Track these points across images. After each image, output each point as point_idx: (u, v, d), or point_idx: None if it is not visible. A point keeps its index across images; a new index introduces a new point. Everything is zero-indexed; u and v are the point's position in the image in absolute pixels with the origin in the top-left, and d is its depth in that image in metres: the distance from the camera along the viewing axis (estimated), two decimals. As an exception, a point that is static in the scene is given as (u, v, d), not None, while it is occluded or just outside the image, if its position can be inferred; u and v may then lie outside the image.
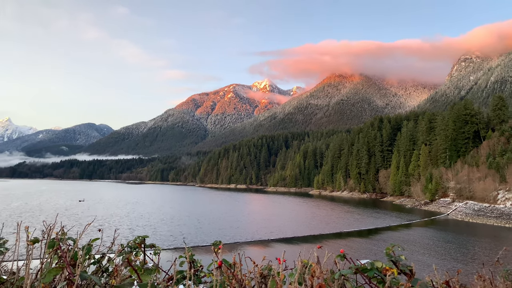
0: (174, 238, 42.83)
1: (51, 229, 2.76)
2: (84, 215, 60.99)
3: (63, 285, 1.92)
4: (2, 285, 2.18)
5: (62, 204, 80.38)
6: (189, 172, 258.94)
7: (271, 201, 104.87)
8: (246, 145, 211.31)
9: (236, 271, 2.10)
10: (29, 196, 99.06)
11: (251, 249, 38.13)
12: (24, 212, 62.30)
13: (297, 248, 6.22)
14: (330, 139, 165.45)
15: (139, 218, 60.82)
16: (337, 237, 46.98)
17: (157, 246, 2.62)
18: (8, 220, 45.48)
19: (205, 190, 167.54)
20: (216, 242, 2.50)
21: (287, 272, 2.00)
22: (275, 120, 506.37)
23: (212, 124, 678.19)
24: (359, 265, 1.78)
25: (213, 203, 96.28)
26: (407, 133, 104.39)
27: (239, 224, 56.82)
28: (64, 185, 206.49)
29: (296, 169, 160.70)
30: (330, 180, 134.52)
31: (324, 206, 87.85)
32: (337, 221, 61.38)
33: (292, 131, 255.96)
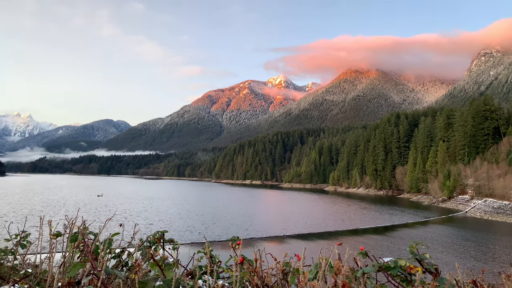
0: (190, 233, 43.23)
1: (73, 224, 2.86)
2: (103, 210, 62.02)
3: (87, 279, 1.99)
4: (27, 278, 2.19)
5: (82, 198, 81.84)
6: (205, 167, 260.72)
7: (286, 197, 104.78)
8: (261, 141, 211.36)
9: (258, 268, 2.09)
10: (50, 191, 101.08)
11: (267, 245, 38.21)
12: (45, 206, 63.68)
13: (313, 245, 6.24)
14: (346, 135, 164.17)
15: (156, 213, 61.53)
16: (353, 234, 46.69)
17: (176, 241, 2.67)
18: (30, 215, 46.60)
19: (221, 186, 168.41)
20: (234, 238, 2.53)
21: (306, 269, 2.10)
22: (290, 116, 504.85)
23: (227, 120, 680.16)
24: (382, 263, 1.73)
25: (228, 199, 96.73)
26: (424, 129, 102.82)
27: (255, 220, 56.98)
28: (83, 180, 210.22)
29: (312, 165, 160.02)
30: (346, 177, 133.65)
31: (340, 203, 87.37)
32: (353, 218, 60.99)
33: (307, 127, 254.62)
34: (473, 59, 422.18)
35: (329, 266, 1.89)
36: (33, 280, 2.17)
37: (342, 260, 2.00)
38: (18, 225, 3.60)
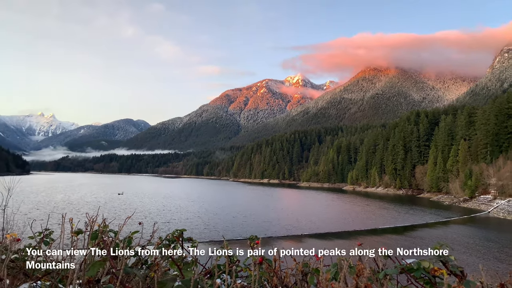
0: (208, 231, 43.56)
1: (93, 221, 3.00)
2: (123, 208, 63.05)
3: (106, 279, 2.02)
4: (49, 275, 2.27)
5: (102, 197, 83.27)
6: (223, 166, 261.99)
7: (304, 196, 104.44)
8: (278, 140, 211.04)
9: (277, 268, 2.06)
10: (72, 189, 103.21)
11: (284, 244, 38.20)
12: (67, 204, 65.09)
13: (331, 244, 6.17)
14: (365, 134, 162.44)
15: (174, 211, 62.20)
16: (371, 234, 46.24)
17: (194, 239, 2.76)
18: (52, 212, 47.73)
19: (239, 185, 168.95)
20: (252, 237, 2.59)
21: (324, 269, 2.06)
22: (307, 115, 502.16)
23: (245, 119, 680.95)
24: (404, 264, 1.68)
25: (246, 198, 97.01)
26: (445, 128, 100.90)
27: (272, 218, 57.01)
28: (104, 178, 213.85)
29: (330, 164, 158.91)
30: (364, 176, 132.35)
31: (358, 202, 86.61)
32: (371, 218, 60.38)
33: (325, 126, 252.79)
34: (495, 55, 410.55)
35: (349, 267, 1.84)
36: (55, 277, 2.21)
37: (363, 261, 1.95)
38: (41, 223, 3.79)
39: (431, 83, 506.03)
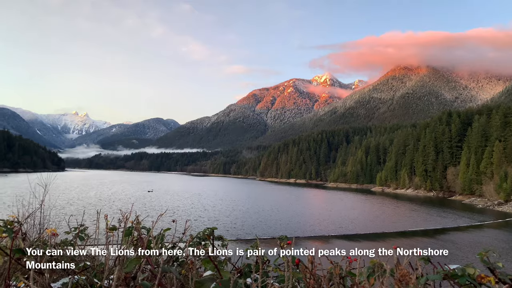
0: (235, 230, 43.85)
1: (127, 218, 3.12)
2: (153, 205, 64.30)
3: (144, 276, 2.07)
4: (86, 270, 2.39)
5: (133, 194, 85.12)
6: (249, 166, 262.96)
7: (332, 197, 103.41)
8: (305, 140, 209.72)
9: (314, 270, 2.00)
10: (104, 186, 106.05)
11: (311, 244, 37.99)
12: (100, 200, 66.94)
13: (360, 246, 6.15)
14: (394, 134, 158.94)
15: (202, 209, 62.92)
16: (401, 236, 45.30)
17: (225, 238, 2.81)
18: (86, 208, 49.27)
19: (265, 184, 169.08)
20: (282, 237, 2.61)
21: (355, 271, 2.01)
22: (335, 114, 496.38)
23: (272, 119, 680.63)
24: (447, 270, 1.59)
25: (272, 197, 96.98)
26: (478, 129, 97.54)
27: (299, 218, 56.79)
28: (134, 176, 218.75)
29: (358, 165, 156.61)
30: (393, 177, 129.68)
31: (387, 204, 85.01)
32: (401, 220, 59.15)
33: (353, 126, 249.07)
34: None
35: (385, 271, 1.79)
36: (91, 272, 2.32)
37: (401, 264, 1.88)
38: (76, 218, 3.96)
39: (464, 82, 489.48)
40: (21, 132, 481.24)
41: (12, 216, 3.18)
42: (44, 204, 6.02)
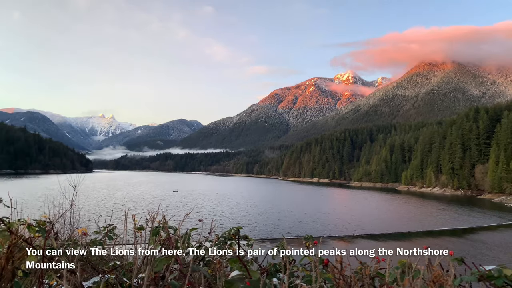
0: (259, 229, 43.93)
1: (154, 218, 3.20)
2: (178, 205, 65.11)
3: (174, 276, 2.07)
4: (115, 269, 2.48)
5: (159, 194, 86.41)
6: (272, 165, 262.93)
7: (356, 196, 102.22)
8: (328, 138, 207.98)
9: (343, 271, 1.98)
10: (130, 187, 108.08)
11: (336, 244, 37.67)
12: (126, 201, 68.29)
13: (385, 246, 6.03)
14: (419, 132, 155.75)
15: (226, 208, 63.31)
16: (427, 236, 44.36)
17: (250, 237, 2.84)
18: (113, 209, 50.36)
19: (288, 183, 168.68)
20: (308, 237, 2.63)
21: (382, 271, 1.99)
22: (358, 113, 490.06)
23: (293, 118, 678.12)
24: (483, 271, 1.51)
25: (296, 196, 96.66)
26: (508, 125, 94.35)
27: (323, 218, 56.39)
28: (160, 176, 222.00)
29: (382, 163, 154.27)
30: (419, 176, 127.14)
31: (413, 203, 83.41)
32: (427, 219, 57.90)
33: (377, 124, 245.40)
34: None
35: (416, 272, 1.75)
36: (120, 271, 2.41)
37: (432, 265, 1.85)
38: (104, 218, 4.09)
39: (491, 77, 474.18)
40: (51, 135, 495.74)
41: (44, 216, 3.32)
42: (74, 205, 6.22)
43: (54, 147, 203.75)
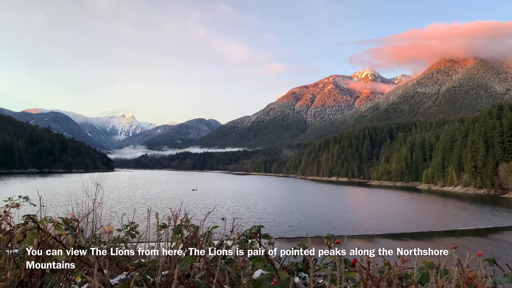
0: (278, 228, 43.87)
1: (176, 216, 3.24)
2: (197, 203, 65.56)
3: (202, 274, 2.08)
4: (140, 267, 2.53)
5: (178, 192, 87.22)
6: (290, 164, 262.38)
7: (375, 195, 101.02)
8: (347, 137, 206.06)
9: (372, 271, 1.94)
10: (150, 185, 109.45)
11: (355, 243, 37.30)
12: (147, 199, 69.22)
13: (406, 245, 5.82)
14: (441, 130, 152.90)
15: (245, 207, 63.47)
16: (449, 235, 43.47)
17: (271, 236, 2.85)
18: (134, 207, 51.10)
19: (306, 182, 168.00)
20: (329, 236, 2.62)
21: (407, 271, 1.96)
22: (378, 110, 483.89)
23: (311, 116, 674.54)
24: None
25: (314, 195, 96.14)
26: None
27: (342, 217, 55.95)
28: (179, 175, 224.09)
29: (402, 162, 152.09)
30: (441, 174, 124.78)
31: (434, 202, 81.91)
32: (449, 218, 56.77)
33: (397, 122, 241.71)
34: None
35: (444, 272, 1.71)
36: (143, 269, 2.46)
37: (462, 265, 1.78)
38: (125, 216, 4.16)
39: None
40: (73, 134, 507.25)
41: (70, 214, 3.40)
42: (102, 203, 6.36)
43: (76, 147, 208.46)
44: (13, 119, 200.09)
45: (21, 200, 3.13)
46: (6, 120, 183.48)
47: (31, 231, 2.39)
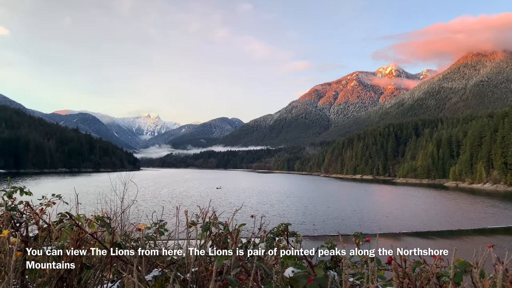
0: (302, 226, 43.70)
1: (205, 214, 3.30)
2: (222, 201, 66.02)
3: (237, 271, 2.04)
4: (172, 265, 2.60)
5: (203, 190, 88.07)
6: (313, 162, 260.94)
7: (401, 193, 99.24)
8: (371, 134, 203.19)
9: (409, 269, 1.90)
10: (176, 184, 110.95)
11: (381, 242, 36.64)
12: (172, 197, 70.18)
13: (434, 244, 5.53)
14: (468, 126, 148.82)
15: (269, 205, 63.51)
16: (479, 234, 42.30)
17: (299, 234, 2.86)
18: (161, 205, 51.89)
19: (330, 180, 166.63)
20: (357, 234, 2.62)
21: (440, 270, 1.91)
22: (402, 107, 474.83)
23: (335, 114, 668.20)
24: None
25: (339, 193, 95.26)
26: None
27: (367, 215, 55.25)
28: (203, 173, 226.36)
29: (429, 159, 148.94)
30: (469, 171, 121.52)
31: (462, 200, 79.83)
32: (478, 216, 55.23)
33: (422, 118, 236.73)
34: None
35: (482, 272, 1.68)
36: (174, 266, 2.52)
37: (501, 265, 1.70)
38: (153, 214, 4.25)
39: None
40: (100, 135, 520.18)
41: (102, 212, 3.51)
42: (136, 200, 6.53)
43: (104, 147, 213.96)
44: (44, 120, 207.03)
45: (55, 198, 3.25)
46: (38, 122, 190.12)
47: (68, 228, 2.44)
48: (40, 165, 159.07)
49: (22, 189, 2.95)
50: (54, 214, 2.77)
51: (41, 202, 3.12)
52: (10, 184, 3.13)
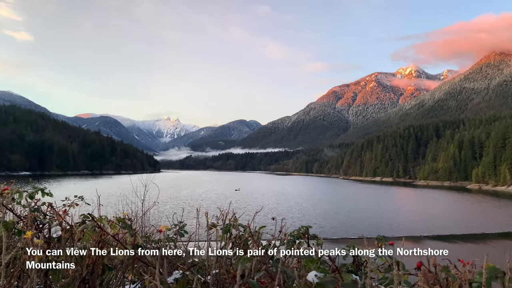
0: (322, 229, 43.38)
1: (225, 216, 3.28)
2: (240, 203, 66.08)
3: (260, 275, 2.03)
4: (193, 267, 2.58)
5: (222, 192, 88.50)
6: (332, 164, 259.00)
7: (422, 195, 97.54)
8: (391, 136, 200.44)
9: (440, 274, 1.85)
10: (195, 185, 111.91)
11: (403, 245, 36.09)
12: (192, 199, 70.73)
13: (457, 248, 5.40)
14: (491, 127, 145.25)
15: (287, 207, 63.36)
16: (504, 238, 41.21)
17: (319, 237, 2.81)
18: (181, 206, 52.31)
19: (349, 183, 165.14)
20: (380, 237, 2.54)
21: (471, 275, 1.87)
22: (423, 108, 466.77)
23: (353, 115, 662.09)
24: None
25: (358, 196, 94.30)
26: None
27: (387, 217, 54.50)
28: (222, 175, 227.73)
29: (450, 161, 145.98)
30: (492, 173, 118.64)
31: (485, 203, 77.93)
32: (503, 220, 53.77)
33: (443, 119, 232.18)
34: None
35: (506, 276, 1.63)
36: (195, 268, 2.51)
37: None
38: (173, 216, 4.26)
39: None
40: (121, 137, 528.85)
41: (124, 214, 3.52)
42: (157, 202, 6.59)
43: (125, 149, 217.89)
44: (67, 124, 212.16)
45: (77, 199, 3.28)
46: (61, 125, 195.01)
47: (90, 229, 2.45)
48: (64, 167, 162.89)
49: (43, 190, 2.99)
50: (77, 216, 2.80)
51: (64, 203, 3.15)
52: (32, 185, 3.18)
